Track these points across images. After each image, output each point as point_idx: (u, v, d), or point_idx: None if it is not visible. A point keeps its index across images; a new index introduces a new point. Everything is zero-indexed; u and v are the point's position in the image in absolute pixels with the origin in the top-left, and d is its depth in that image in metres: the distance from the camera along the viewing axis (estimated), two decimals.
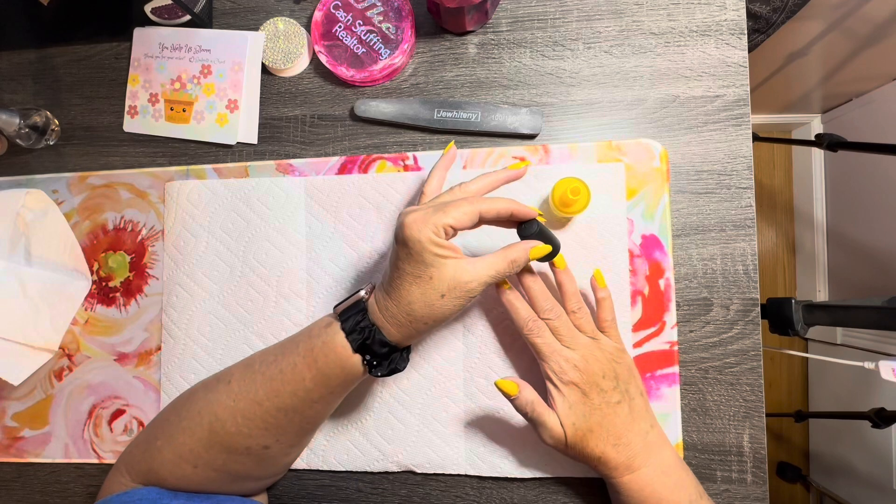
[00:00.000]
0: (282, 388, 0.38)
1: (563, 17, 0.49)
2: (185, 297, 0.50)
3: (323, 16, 0.49)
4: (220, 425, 0.38)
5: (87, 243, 0.53)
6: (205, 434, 0.38)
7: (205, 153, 0.53)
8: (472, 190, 0.38)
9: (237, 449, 0.39)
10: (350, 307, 0.38)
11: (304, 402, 0.38)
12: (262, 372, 0.39)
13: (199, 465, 0.39)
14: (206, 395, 0.40)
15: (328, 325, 0.38)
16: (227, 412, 0.38)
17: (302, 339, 0.39)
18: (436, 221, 0.34)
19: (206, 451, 0.39)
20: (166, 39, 0.53)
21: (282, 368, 0.38)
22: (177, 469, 0.39)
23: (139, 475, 0.40)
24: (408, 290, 0.35)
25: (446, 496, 0.47)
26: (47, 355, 0.51)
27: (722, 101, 0.47)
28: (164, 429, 0.40)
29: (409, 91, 0.50)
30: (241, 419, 0.38)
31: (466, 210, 0.35)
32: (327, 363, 0.37)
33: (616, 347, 0.41)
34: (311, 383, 0.37)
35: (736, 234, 0.46)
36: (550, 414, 0.40)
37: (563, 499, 0.46)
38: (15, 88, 0.56)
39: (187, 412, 0.40)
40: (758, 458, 0.45)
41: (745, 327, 0.45)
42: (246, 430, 0.38)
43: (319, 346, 0.37)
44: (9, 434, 0.52)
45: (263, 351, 0.41)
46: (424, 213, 0.35)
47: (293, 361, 0.38)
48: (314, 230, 0.49)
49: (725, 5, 0.47)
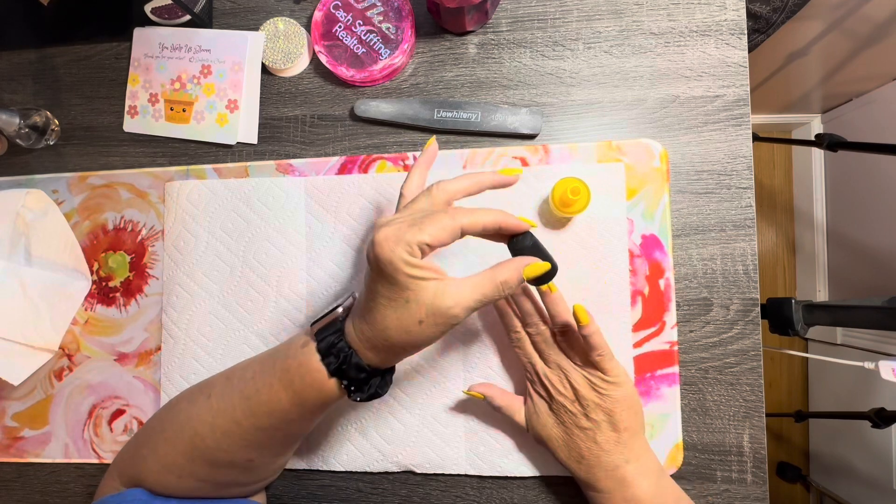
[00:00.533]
0: (258, 408, 0.35)
1: (563, 17, 0.49)
2: (185, 297, 0.50)
3: (323, 16, 0.49)
4: (200, 440, 0.37)
5: (87, 243, 0.53)
6: (186, 447, 0.37)
7: (205, 153, 0.52)
8: (450, 191, 0.34)
9: (220, 462, 0.37)
10: (326, 326, 0.35)
11: (282, 421, 0.36)
12: (239, 389, 0.36)
13: (182, 476, 0.38)
14: (188, 407, 0.38)
15: (304, 346, 0.35)
16: (206, 428, 0.36)
17: (280, 357, 0.36)
18: (409, 239, 0.30)
19: (188, 462, 0.37)
20: (166, 39, 0.53)
21: (258, 388, 0.36)
22: (161, 478, 0.38)
23: (128, 481, 0.40)
24: (382, 313, 0.32)
25: (446, 496, 0.47)
26: (47, 355, 0.51)
27: (722, 101, 0.47)
28: (150, 438, 0.39)
29: (409, 91, 0.50)
30: (220, 435, 0.36)
31: (445, 225, 0.31)
32: (303, 386, 0.34)
33: (603, 379, 0.39)
34: (288, 404, 0.35)
35: (736, 234, 0.46)
36: (519, 412, 0.42)
37: (563, 499, 0.46)
38: (15, 88, 0.56)
39: (170, 423, 0.38)
40: (758, 458, 0.45)
41: (745, 327, 0.45)
42: (225, 445, 0.37)
43: (295, 368, 0.35)
44: (9, 434, 0.52)
45: (245, 363, 0.39)
46: (397, 228, 0.31)
47: (269, 382, 0.35)
48: (314, 230, 0.49)
49: (725, 5, 0.47)
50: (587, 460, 0.40)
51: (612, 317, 0.45)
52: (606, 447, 0.39)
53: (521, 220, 0.34)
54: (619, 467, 0.39)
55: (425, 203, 0.34)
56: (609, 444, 0.39)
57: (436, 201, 0.34)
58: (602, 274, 0.46)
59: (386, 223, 0.32)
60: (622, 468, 0.39)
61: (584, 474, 0.40)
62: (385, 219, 0.33)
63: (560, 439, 0.40)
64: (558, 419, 0.41)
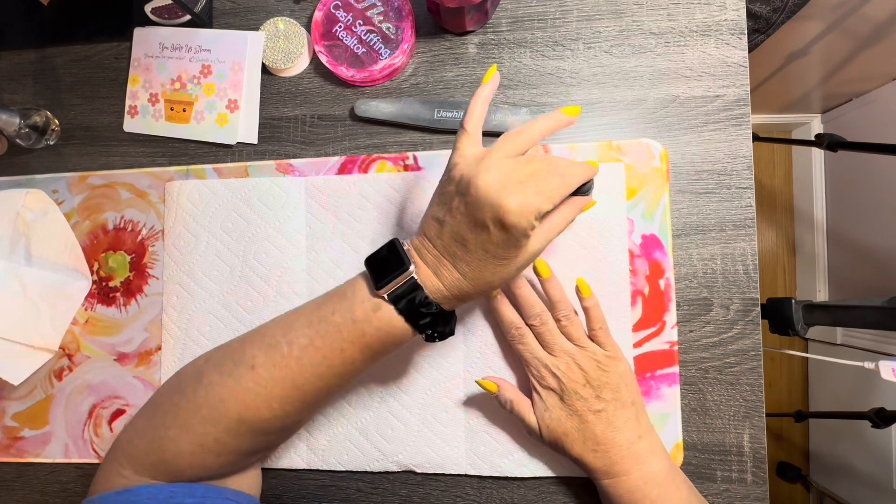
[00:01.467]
0: (327, 371, 0.36)
1: (563, 17, 0.49)
2: (185, 297, 0.50)
3: (323, 16, 0.49)
4: (252, 414, 0.36)
5: (87, 243, 0.53)
6: (232, 423, 0.36)
7: (205, 153, 0.53)
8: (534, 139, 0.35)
9: (271, 430, 0.38)
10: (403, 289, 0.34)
11: (353, 375, 0.37)
12: (297, 357, 0.36)
13: (223, 454, 0.37)
14: (226, 380, 0.36)
15: (376, 310, 0.35)
16: (260, 400, 0.36)
17: (344, 323, 0.35)
18: (539, 207, 0.32)
19: (233, 438, 0.37)
20: (166, 39, 0.53)
21: (325, 355, 0.35)
22: (196, 460, 0.37)
23: (146, 467, 0.38)
24: (492, 271, 0.34)
25: (446, 496, 0.47)
26: (47, 355, 0.51)
27: (722, 101, 0.47)
28: (177, 417, 0.37)
29: (409, 91, 0.50)
30: (278, 404, 0.36)
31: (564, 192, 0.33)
32: (384, 345, 0.36)
33: (606, 355, 0.41)
34: (362, 363, 0.36)
35: (736, 234, 0.46)
36: (529, 413, 0.42)
37: (563, 499, 0.46)
38: (15, 88, 0.56)
39: (205, 400, 0.36)
40: (758, 458, 0.45)
41: (745, 327, 0.45)
42: (282, 412, 0.37)
43: (373, 333, 0.35)
44: (9, 434, 0.52)
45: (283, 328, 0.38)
46: (526, 196, 0.31)
47: (339, 347, 0.35)
48: (314, 230, 0.49)
49: (725, 5, 0.47)
50: (603, 445, 0.40)
51: (612, 317, 0.45)
52: (619, 425, 0.40)
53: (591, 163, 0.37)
54: (632, 443, 0.40)
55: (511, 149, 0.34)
56: (621, 420, 0.40)
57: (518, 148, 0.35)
58: (602, 274, 0.46)
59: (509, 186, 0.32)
60: (635, 444, 0.40)
61: (600, 462, 0.40)
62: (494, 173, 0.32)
63: (575, 430, 0.40)
64: (570, 410, 0.40)
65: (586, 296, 0.41)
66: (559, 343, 0.41)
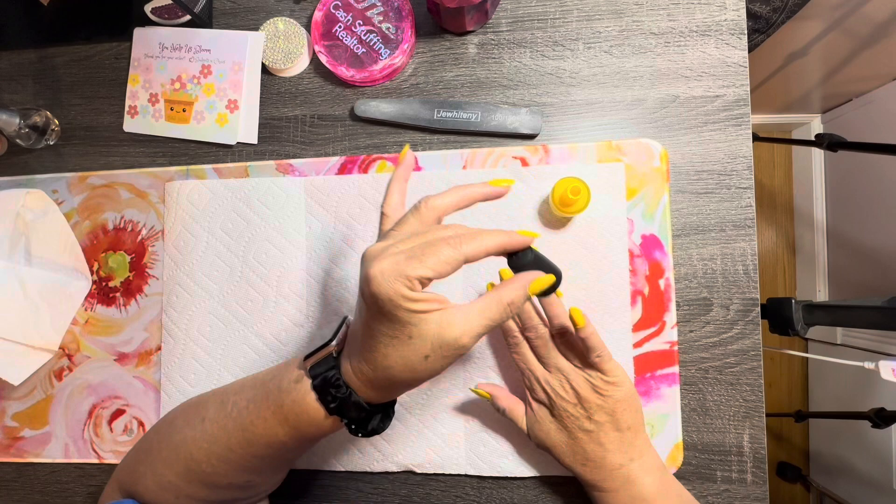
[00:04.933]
0: (254, 439, 0.34)
1: (563, 17, 0.49)
2: (185, 297, 0.50)
3: (323, 16, 0.49)
4: (196, 464, 0.35)
5: (87, 243, 0.53)
6: (182, 469, 0.36)
7: (205, 153, 0.52)
8: (440, 207, 0.32)
9: (218, 484, 0.36)
10: (321, 362, 0.33)
11: (279, 451, 0.35)
12: (234, 418, 0.35)
13: (179, 497, 0.37)
14: (183, 429, 0.37)
15: (298, 381, 0.33)
16: (202, 453, 0.35)
17: (272, 389, 0.34)
18: (409, 273, 0.28)
19: (186, 485, 0.36)
20: (166, 39, 0.53)
21: (252, 420, 0.34)
22: (158, 497, 0.37)
23: (126, 495, 0.39)
24: (384, 353, 0.30)
25: (446, 496, 0.47)
26: (47, 355, 0.51)
27: (722, 101, 0.47)
28: (148, 455, 0.38)
29: (409, 91, 0.50)
30: (217, 461, 0.35)
31: (448, 257, 0.28)
32: (300, 422, 0.33)
33: (604, 380, 0.39)
34: (286, 437, 0.34)
35: (736, 234, 0.46)
36: (522, 420, 0.42)
37: (563, 499, 0.46)
38: (15, 88, 0.56)
39: (167, 443, 0.37)
40: (758, 458, 0.45)
41: (745, 327, 0.45)
42: (222, 470, 0.35)
43: (289, 405, 0.33)
44: (9, 434, 0.52)
45: (238, 385, 0.37)
46: (394, 261, 0.28)
47: (264, 416, 0.34)
48: (314, 230, 0.49)
49: (725, 5, 0.47)
50: (592, 462, 0.39)
51: (612, 317, 0.45)
52: (610, 447, 0.39)
53: (522, 233, 0.32)
54: (623, 466, 0.39)
55: (415, 225, 0.31)
56: (613, 444, 0.39)
57: (426, 221, 0.32)
58: (602, 274, 0.46)
59: (378, 254, 0.29)
60: (626, 466, 0.39)
61: (589, 476, 0.40)
62: (375, 248, 0.30)
63: (564, 444, 0.40)
64: (560, 424, 0.40)
65: (581, 326, 0.38)
66: (553, 358, 0.41)
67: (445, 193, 0.32)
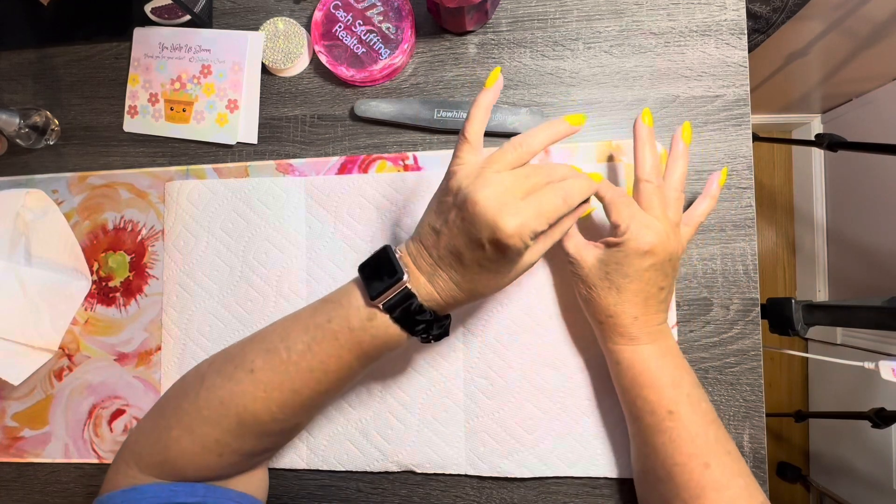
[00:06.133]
0: (324, 376, 0.36)
1: (563, 17, 0.49)
2: (185, 297, 0.50)
3: (323, 16, 0.49)
4: (251, 416, 0.36)
5: (87, 243, 0.53)
6: (233, 425, 0.37)
7: (205, 153, 0.53)
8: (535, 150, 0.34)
9: (271, 432, 0.38)
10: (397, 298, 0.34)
11: (348, 379, 0.38)
12: (295, 363, 0.36)
13: (224, 454, 0.37)
14: (225, 383, 0.37)
15: (371, 319, 0.35)
16: (259, 403, 0.36)
17: (340, 331, 0.36)
18: (535, 229, 0.31)
19: (235, 439, 0.37)
20: (166, 39, 0.53)
21: (322, 360, 0.36)
22: (199, 459, 0.37)
23: (151, 467, 0.38)
24: (485, 283, 0.34)
25: (446, 496, 0.47)
26: (47, 355, 0.51)
27: (722, 101, 0.47)
28: (180, 418, 0.38)
29: (409, 91, 0.50)
30: (277, 408, 0.37)
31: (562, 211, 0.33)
32: (379, 350, 0.36)
33: (682, 246, 0.40)
34: (359, 367, 0.37)
35: (736, 234, 0.46)
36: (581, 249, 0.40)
37: (563, 499, 0.46)
38: (15, 88, 0.56)
39: (206, 402, 0.37)
40: (758, 458, 0.44)
41: (745, 327, 0.45)
42: (282, 416, 0.37)
43: (369, 341, 0.35)
44: (9, 434, 0.52)
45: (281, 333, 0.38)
46: (524, 217, 0.31)
47: (336, 353, 0.36)
48: (314, 230, 0.49)
49: (725, 5, 0.47)
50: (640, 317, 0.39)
51: None
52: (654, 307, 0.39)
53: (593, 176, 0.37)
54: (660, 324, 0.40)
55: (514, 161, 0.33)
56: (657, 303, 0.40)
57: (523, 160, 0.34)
58: None
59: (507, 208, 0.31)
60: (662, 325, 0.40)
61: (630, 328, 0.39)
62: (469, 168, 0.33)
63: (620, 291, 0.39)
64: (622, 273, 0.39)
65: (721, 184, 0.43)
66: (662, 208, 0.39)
67: (537, 134, 0.34)
